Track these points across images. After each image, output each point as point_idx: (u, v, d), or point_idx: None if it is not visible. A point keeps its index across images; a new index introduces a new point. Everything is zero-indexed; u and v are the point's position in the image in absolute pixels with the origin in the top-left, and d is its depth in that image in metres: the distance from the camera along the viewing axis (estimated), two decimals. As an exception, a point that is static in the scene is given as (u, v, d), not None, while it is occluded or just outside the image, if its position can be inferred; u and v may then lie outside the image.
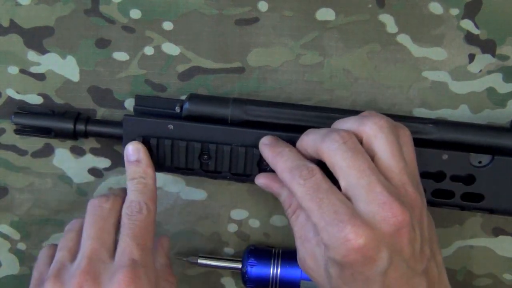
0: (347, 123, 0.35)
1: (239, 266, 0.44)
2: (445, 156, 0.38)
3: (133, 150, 0.39)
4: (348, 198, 0.33)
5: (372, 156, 0.34)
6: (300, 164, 0.34)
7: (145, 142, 0.39)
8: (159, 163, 0.40)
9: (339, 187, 0.33)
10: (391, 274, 0.32)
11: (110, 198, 0.38)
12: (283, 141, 0.37)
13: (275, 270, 0.43)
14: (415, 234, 0.33)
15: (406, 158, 0.34)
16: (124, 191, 0.39)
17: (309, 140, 0.35)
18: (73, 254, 0.37)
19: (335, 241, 0.31)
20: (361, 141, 0.34)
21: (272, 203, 0.46)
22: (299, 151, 0.36)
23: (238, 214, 0.46)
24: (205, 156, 0.39)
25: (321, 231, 0.32)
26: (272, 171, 0.37)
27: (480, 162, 0.38)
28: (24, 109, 0.43)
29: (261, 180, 0.39)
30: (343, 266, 0.32)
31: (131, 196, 0.38)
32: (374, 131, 0.34)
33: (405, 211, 0.32)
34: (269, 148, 0.37)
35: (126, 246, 0.35)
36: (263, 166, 0.39)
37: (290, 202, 0.37)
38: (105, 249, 0.36)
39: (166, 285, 0.39)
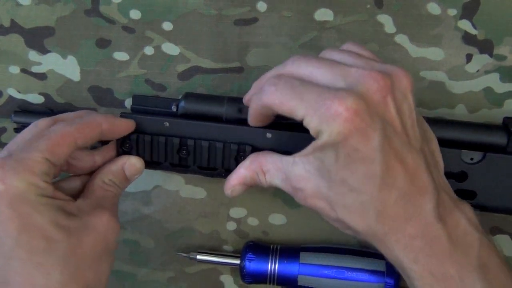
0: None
1: (238, 262, 0.45)
2: None
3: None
4: None
5: None
6: (263, 82, 0.34)
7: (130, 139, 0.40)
8: (152, 160, 0.40)
9: None
10: (387, 149, 0.30)
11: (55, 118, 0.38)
12: None
13: (273, 266, 0.43)
14: (402, 105, 0.31)
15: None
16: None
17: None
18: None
19: (327, 120, 0.30)
20: None
21: (270, 201, 0.46)
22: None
23: (237, 212, 0.46)
24: (184, 151, 0.40)
25: (312, 119, 0.31)
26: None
27: (472, 159, 0.38)
28: (24, 108, 0.43)
29: (232, 183, 0.37)
30: (338, 147, 0.30)
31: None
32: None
33: (385, 77, 0.31)
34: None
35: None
36: (240, 161, 0.39)
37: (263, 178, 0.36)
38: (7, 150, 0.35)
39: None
